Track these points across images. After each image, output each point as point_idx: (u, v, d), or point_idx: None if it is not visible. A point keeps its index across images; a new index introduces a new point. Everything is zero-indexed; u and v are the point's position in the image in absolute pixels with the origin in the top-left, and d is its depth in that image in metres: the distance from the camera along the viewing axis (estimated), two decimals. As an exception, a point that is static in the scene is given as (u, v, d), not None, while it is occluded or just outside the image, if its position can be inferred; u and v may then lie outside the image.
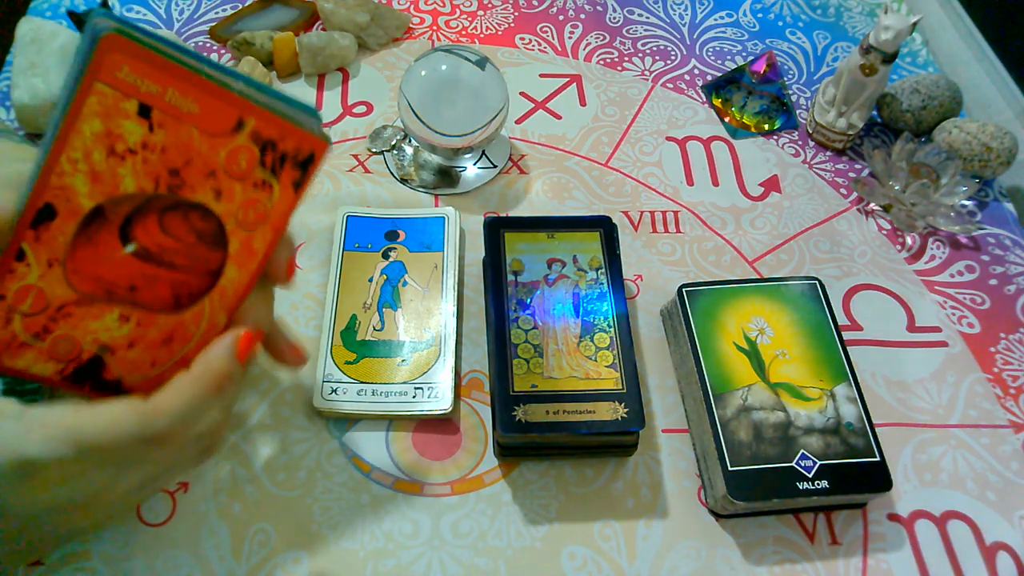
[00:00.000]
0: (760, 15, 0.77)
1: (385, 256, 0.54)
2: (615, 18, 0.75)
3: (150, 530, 0.44)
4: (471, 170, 0.62)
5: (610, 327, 0.48)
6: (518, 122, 0.66)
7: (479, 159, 0.62)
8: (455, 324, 0.51)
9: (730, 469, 0.44)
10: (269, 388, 0.49)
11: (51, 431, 0.32)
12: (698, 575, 0.45)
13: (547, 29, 0.73)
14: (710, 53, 0.73)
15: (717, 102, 0.69)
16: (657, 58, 0.72)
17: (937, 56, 0.77)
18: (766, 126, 0.67)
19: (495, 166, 0.62)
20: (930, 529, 0.47)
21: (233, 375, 0.36)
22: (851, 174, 0.65)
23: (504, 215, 0.59)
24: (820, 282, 0.52)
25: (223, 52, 0.68)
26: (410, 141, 0.63)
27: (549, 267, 0.51)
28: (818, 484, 0.44)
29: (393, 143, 0.63)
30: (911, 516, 0.48)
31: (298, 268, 0.41)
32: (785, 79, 0.71)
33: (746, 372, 0.48)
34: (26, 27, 0.60)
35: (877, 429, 0.46)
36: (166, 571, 0.43)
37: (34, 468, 0.32)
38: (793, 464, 0.44)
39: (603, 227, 0.53)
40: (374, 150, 0.62)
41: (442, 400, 0.48)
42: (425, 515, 0.46)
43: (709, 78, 0.71)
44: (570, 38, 0.73)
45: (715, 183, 0.63)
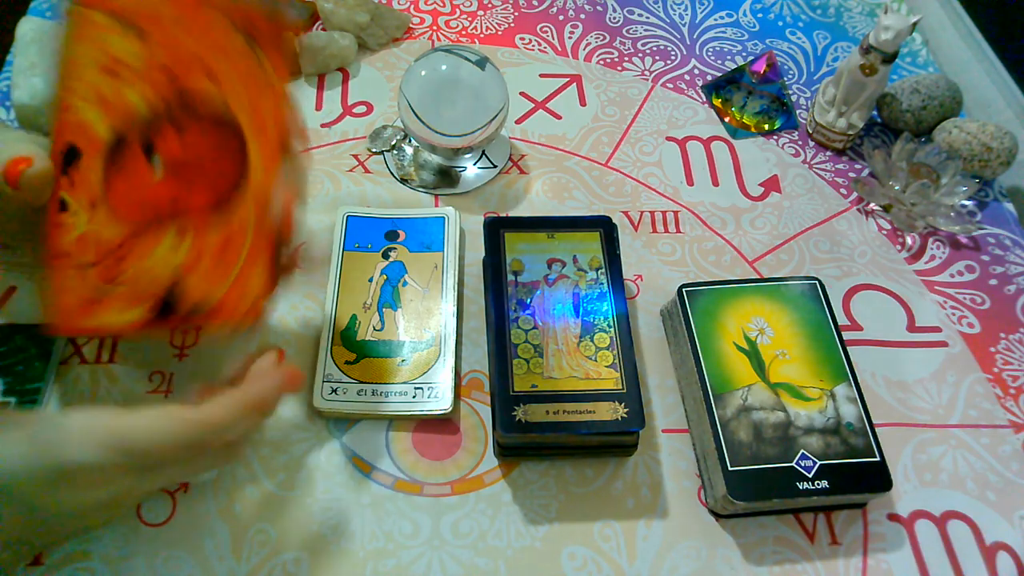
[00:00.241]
0: (760, 15, 0.77)
1: (385, 256, 0.54)
2: (615, 18, 0.75)
3: (150, 530, 0.44)
4: (471, 170, 0.62)
5: (610, 327, 0.48)
6: (518, 122, 0.66)
7: (479, 159, 0.62)
8: (455, 324, 0.51)
9: (730, 469, 0.44)
10: (269, 388, 0.50)
11: (95, 436, 0.32)
12: (698, 575, 0.45)
13: (547, 29, 0.73)
14: (710, 53, 0.73)
15: (717, 102, 0.69)
16: (657, 58, 0.72)
17: (937, 56, 0.77)
18: (766, 126, 0.67)
19: (495, 166, 0.62)
20: (930, 529, 0.47)
21: (277, 401, 0.37)
22: (851, 174, 0.65)
23: (504, 215, 0.59)
24: (820, 282, 0.52)
25: (223, 52, 0.68)
26: (410, 141, 0.63)
27: (549, 267, 0.51)
28: (818, 484, 0.44)
29: (393, 143, 0.63)
30: (911, 516, 0.48)
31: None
32: (785, 79, 0.71)
33: (746, 372, 0.48)
34: (26, 27, 0.60)
35: (877, 429, 0.46)
36: (166, 571, 0.43)
37: (73, 472, 0.32)
38: (793, 464, 0.44)
39: (603, 227, 0.53)
40: (374, 150, 0.62)
41: (442, 400, 0.48)
42: (425, 515, 0.46)
43: (709, 78, 0.71)
44: (570, 38, 0.73)
45: (715, 183, 0.63)
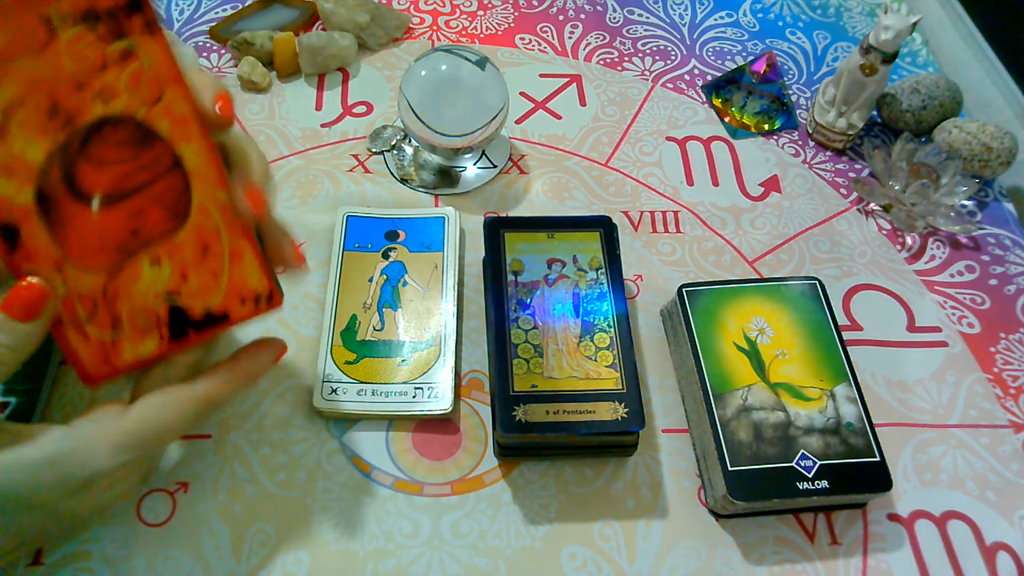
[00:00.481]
0: (760, 15, 0.77)
1: (385, 256, 0.54)
2: (615, 18, 0.75)
3: (150, 530, 0.44)
4: (471, 170, 0.62)
5: (610, 327, 0.48)
6: (518, 122, 0.66)
7: (479, 159, 0.62)
8: (455, 324, 0.51)
9: (730, 469, 0.44)
10: (269, 388, 0.49)
11: (107, 441, 0.33)
12: (698, 575, 0.45)
13: (547, 29, 0.73)
14: (710, 53, 0.73)
15: (717, 102, 0.69)
16: (657, 58, 0.72)
17: (937, 56, 0.77)
18: (766, 126, 0.67)
19: (495, 166, 0.62)
20: (930, 529, 0.47)
21: (266, 368, 0.38)
22: (851, 174, 0.65)
23: (504, 215, 0.59)
24: (820, 282, 0.52)
25: (223, 52, 0.68)
26: (410, 141, 0.63)
27: (549, 267, 0.51)
28: (818, 484, 0.44)
29: (393, 143, 0.63)
30: (911, 516, 0.48)
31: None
32: (785, 79, 0.71)
33: (746, 372, 0.48)
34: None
35: (877, 429, 0.46)
36: (166, 571, 0.43)
37: (97, 479, 0.32)
38: (793, 464, 0.44)
39: (603, 227, 0.53)
40: (374, 150, 0.62)
41: (442, 400, 0.48)
42: (425, 515, 0.46)
43: (709, 78, 0.71)
44: (570, 38, 0.72)
45: (715, 183, 0.63)
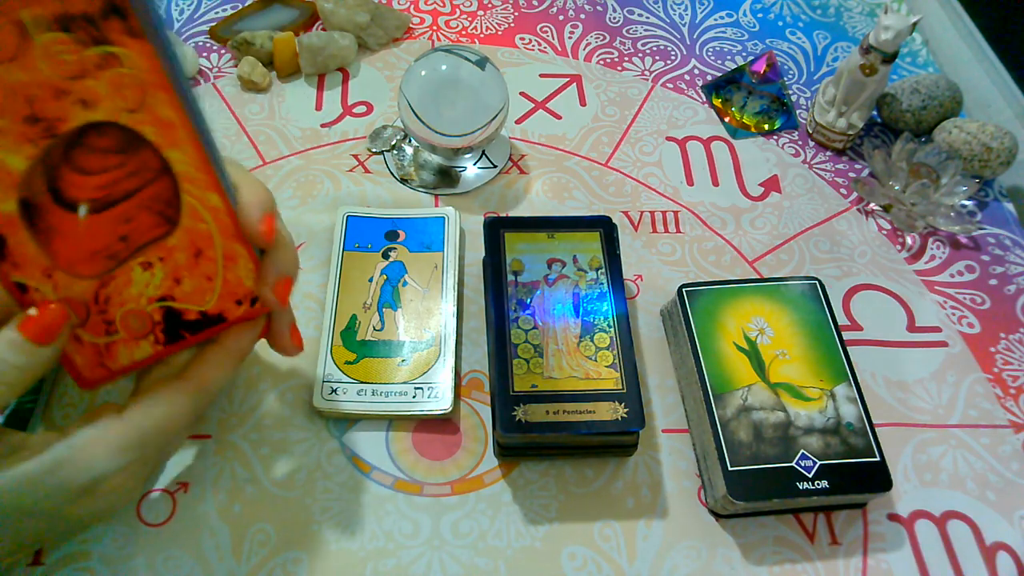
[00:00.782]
0: (760, 15, 0.77)
1: (385, 256, 0.54)
2: (615, 18, 0.75)
3: (150, 530, 0.44)
4: (471, 170, 0.62)
5: (610, 327, 0.48)
6: (518, 122, 0.66)
7: (479, 159, 0.62)
8: (455, 324, 0.51)
9: (730, 469, 0.44)
10: (269, 388, 0.49)
11: (108, 444, 0.33)
12: (698, 575, 0.45)
13: (547, 29, 0.73)
14: (710, 53, 0.73)
15: (717, 102, 0.69)
16: (657, 58, 0.72)
17: (937, 56, 0.77)
18: (766, 126, 0.67)
19: (495, 166, 0.62)
20: (930, 529, 0.47)
21: (252, 344, 0.38)
22: (851, 174, 0.65)
23: (504, 215, 0.59)
24: (820, 282, 0.52)
25: (223, 52, 0.68)
26: (410, 141, 0.63)
27: (549, 267, 0.51)
28: (818, 484, 0.44)
29: (393, 143, 0.63)
30: (911, 516, 0.48)
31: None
32: (785, 79, 0.71)
33: (746, 372, 0.48)
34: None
35: (877, 429, 0.46)
36: (166, 571, 0.43)
37: (100, 483, 0.32)
38: (793, 464, 0.44)
39: (603, 227, 0.53)
40: (374, 150, 0.62)
41: (442, 400, 0.48)
42: (425, 515, 0.46)
43: (709, 78, 0.71)
44: (570, 38, 0.73)
45: (715, 183, 0.63)
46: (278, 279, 0.36)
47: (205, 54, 0.68)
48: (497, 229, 0.52)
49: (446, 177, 0.61)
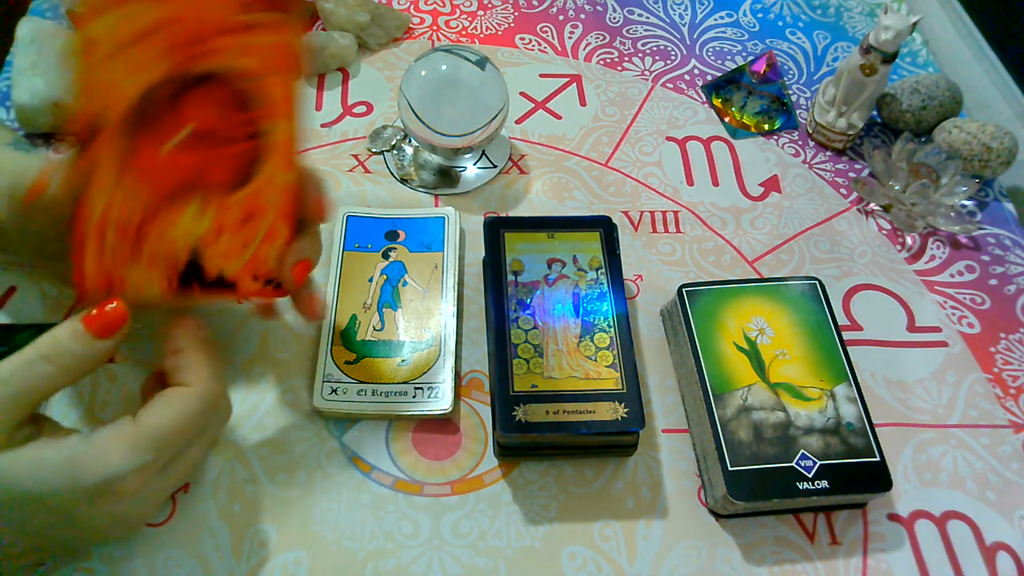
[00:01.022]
0: (760, 15, 0.77)
1: (385, 256, 0.54)
2: (615, 18, 0.75)
3: (150, 530, 0.44)
4: (471, 170, 0.62)
5: (610, 327, 0.48)
6: (518, 122, 0.66)
7: (479, 159, 0.62)
8: (455, 324, 0.51)
9: (730, 469, 0.44)
10: (269, 388, 0.49)
11: (128, 440, 0.33)
12: (698, 575, 0.45)
13: (547, 29, 0.73)
14: (710, 53, 0.73)
15: (717, 102, 0.69)
16: (657, 58, 0.72)
17: (937, 56, 0.77)
18: (766, 126, 0.67)
19: (495, 166, 0.62)
20: (930, 529, 0.47)
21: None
22: (851, 174, 0.65)
23: (504, 215, 0.59)
24: (820, 282, 0.52)
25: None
26: (410, 141, 0.63)
27: (549, 267, 0.51)
28: (818, 484, 0.44)
29: (393, 143, 0.63)
30: (911, 516, 0.48)
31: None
32: (785, 79, 0.71)
33: (746, 372, 0.48)
34: (26, 27, 0.60)
35: (877, 429, 0.46)
36: (166, 571, 0.43)
37: (115, 483, 0.33)
38: (793, 464, 0.44)
39: (603, 227, 0.53)
40: (374, 150, 0.62)
41: (442, 400, 0.48)
42: (425, 515, 0.46)
43: (709, 78, 0.71)
44: (570, 38, 0.73)
45: (715, 183, 0.63)
46: (299, 260, 0.39)
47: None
48: (497, 229, 0.52)
49: (446, 177, 0.61)
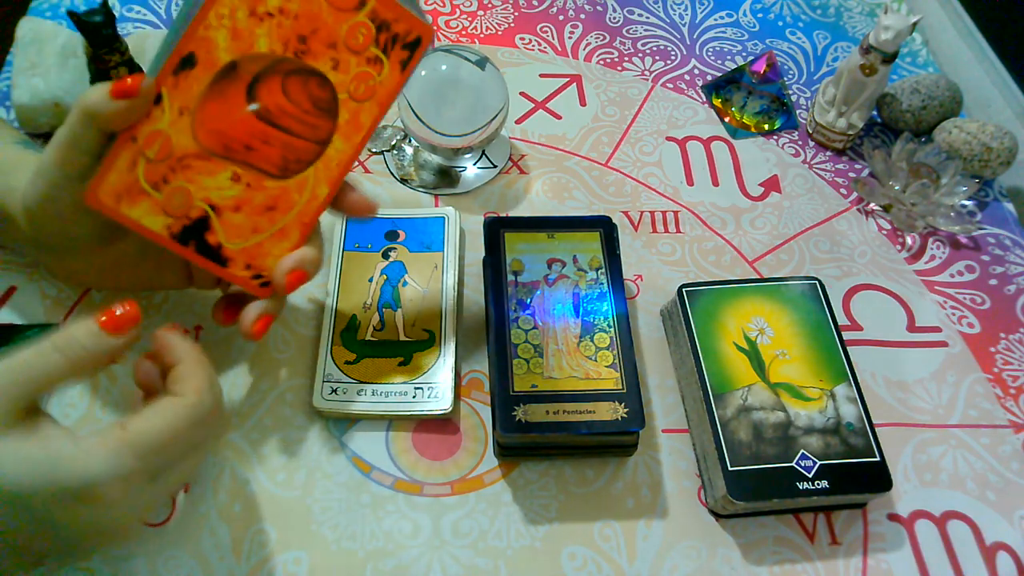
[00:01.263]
0: (760, 15, 0.77)
1: (385, 256, 0.54)
2: (615, 18, 0.75)
3: (150, 530, 0.44)
4: (471, 170, 0.62)
5: (610, 327, 0.48)
6: (518, 122, 0.66)
7: (479, 159, 0.62)
8: (455, 324, 0.51)
9: (730, 469, 0.44)
10: (269, 388, 0.49)
11: (112, 446, 0.32)
12: (698, 575, 0.45)
13: (547, 29, 0.73)
14: (710, 53, 0.73)
15: (717, 102, 0.69)
16: (657, 58, 0.72)
17: (937, 56, 0.77)
18: (766, 126, 0.67)
19: (495, 166, 0.62)
20: (930, 529, 0.47)
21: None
22: (851, 174, 0.65)
23: (504, 215, 0.59)
24: (820, 282, 0.52)
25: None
26: (410, 141, 0.63)
27: (549, 267, 0.51)
28: (818, 484, 0.44)
29: (393, 143, 0.63)
30: (911, 516, 0.48)
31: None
32: (785, 79, 0.71)
33: (746, 372, 0.48)
34: (26, 27, 0.60)
35: (877, 429, 0.46)
36: (166, 571, 0.43)
37: (95, 488, 0.32)
38: (793, 464, 0.44)
39: (603, 227, 0.53)
40: (374, 150, 0.62)
41: (442, 400, 0.48)
42: (425, 515, 0.46)
43: (709, 78, 0.71)
44: (570, 38, 0.73)
45: (715, 183, 0.63)
46: (296, 267, 0.40)
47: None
48: (497, 229, 0.52)
49: (446, 177, 0.61)
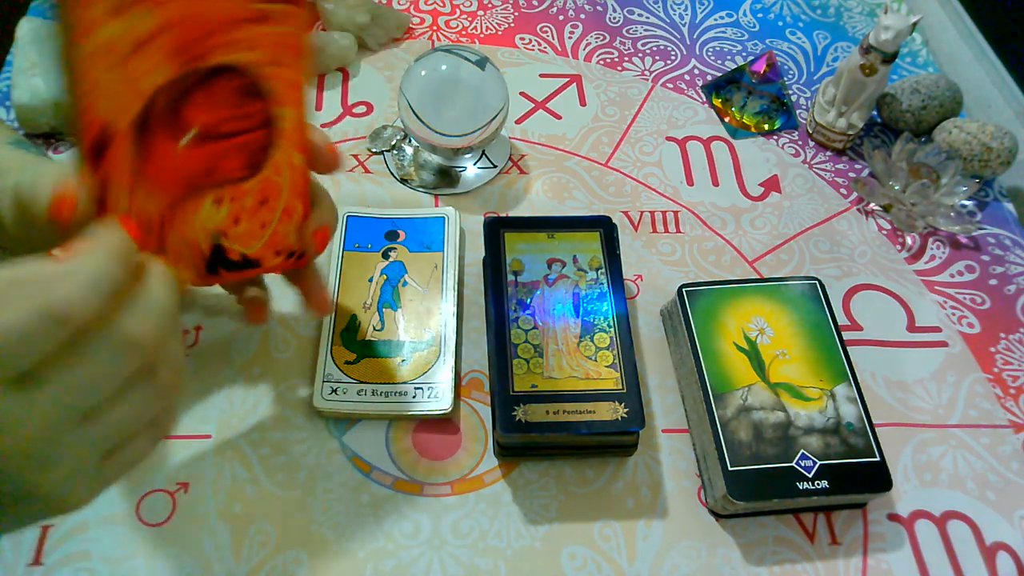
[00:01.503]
0: (760, 15, 0.77)
1: (385, 256, 0.54)
2: (615, 18, 0.75)
3: (150, 530, 0.44)
4: (471, 170, 0.62)
5: (610, 327, 0.48)
6: (518, 122, 0.66)
7: (479, 159, 0.62)
8: (455, 324, 0.51)
9: (730, 469, 0.44)
10: (269, 388, 0.49)
11: (24, 298, 0.26)
12: (698, 575, 0.45)
13: (547, 29, 0.73)
14: (710, 53, 0.73)
15: (717, 102, 0.69)
16: (657, 58, 0.72)
17: (937, 56, 0.77)
18: (766, 126, 0.67)
19: (495, 166, 0.62)
20: (930, 529, 0.47)
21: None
22: (851, 174, 0.65)
23: (504, 215, 0.59)
24: (820, 282, 0.52)
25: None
26: (410, 141, 0.63)
27: (549, 267, 0.51)
28: (818, 484, 0.44)
29: (393, 143, 0.63)
30: (911, 516, 0.48)
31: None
32: (785, 79, 0.71)
33: (746, 372, 0.48)
34: (26, 27, 0.60)
35: (877, 429, 0.46)
36: (166, 571, 0.43)
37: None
38: (793, 464, 0.44)
39: (603, 227, 0.53)
40: (374, 150, 0.62)
41: (442, 400, 0.48)
42: (425, 515, 0.46)
43: (709, 78, 0.71)
44: (570, 38, 0.73)
45: (715, 183, 0.63)
46: (318, 228, 0.40)
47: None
48: (497, 229, 0.52)
49: (446, 177, 0.61)
